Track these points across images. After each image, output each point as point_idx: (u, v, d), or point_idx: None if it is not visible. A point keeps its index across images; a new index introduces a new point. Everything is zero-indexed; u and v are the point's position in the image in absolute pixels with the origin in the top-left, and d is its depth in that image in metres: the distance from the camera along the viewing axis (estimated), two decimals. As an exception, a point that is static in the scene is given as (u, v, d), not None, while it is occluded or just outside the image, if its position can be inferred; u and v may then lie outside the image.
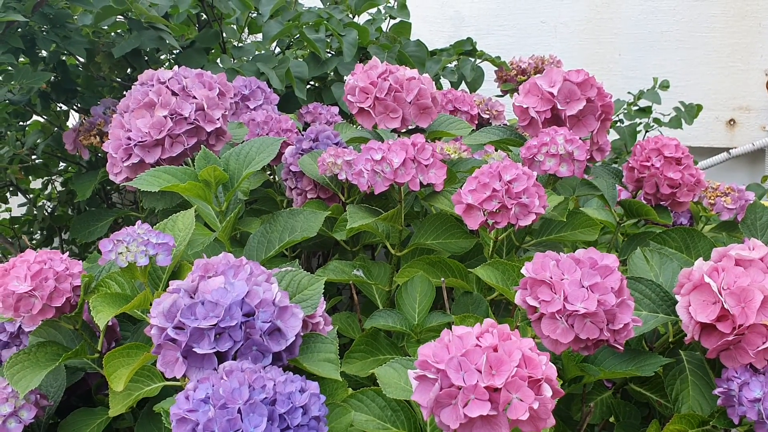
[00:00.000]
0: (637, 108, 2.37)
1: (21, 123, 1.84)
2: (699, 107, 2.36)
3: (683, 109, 2.34)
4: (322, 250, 1.42)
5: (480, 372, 0.65)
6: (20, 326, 1.00)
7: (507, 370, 0.65)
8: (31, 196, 1.99)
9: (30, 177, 1.96)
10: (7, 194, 2.00)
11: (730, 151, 2.99)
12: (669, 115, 2.33)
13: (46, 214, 1.91)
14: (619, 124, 2.32)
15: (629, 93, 2.34)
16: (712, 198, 1.38)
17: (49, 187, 2.04)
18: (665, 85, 2.34)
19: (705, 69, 3.02)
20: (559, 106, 1.12)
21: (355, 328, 1.09)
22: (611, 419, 1.10)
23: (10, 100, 1.63)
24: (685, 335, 0.88)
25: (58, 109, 1.79)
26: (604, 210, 1.39)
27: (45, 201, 2.02)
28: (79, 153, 1.48)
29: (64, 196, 1.95)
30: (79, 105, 1.72)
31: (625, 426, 1.05)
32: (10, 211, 2.09)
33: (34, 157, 1.79)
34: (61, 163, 1.94)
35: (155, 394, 0.88)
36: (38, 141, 1.72)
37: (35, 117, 1.82)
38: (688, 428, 0.89)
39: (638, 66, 3.06)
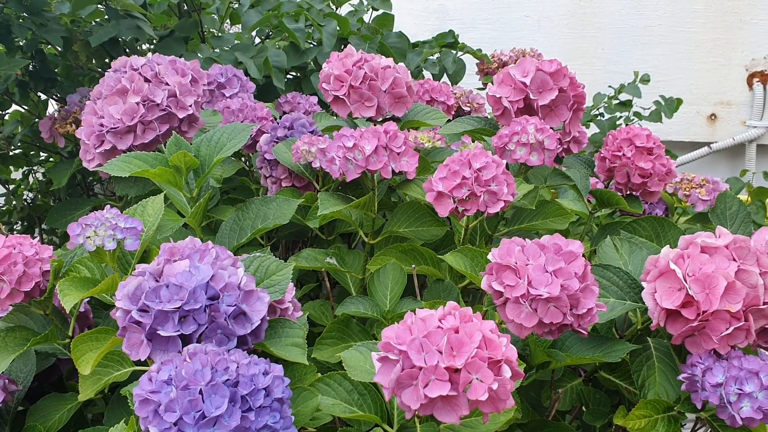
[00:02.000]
0: (617, 102, 2.38)
1: (0, 112, 1.83)
2: (679, 101, 2.37)
3: (663, 103, 2.36)
4: (300, 240, 1.43)
5: (441, 353, 0.66)
6: (-10, 313, 0.99)
7: (467, 351, 0.66)
8: (12, 186, 1.98)
9: (11, 168, 1.95)
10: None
11: (711, 145, 3.01)
12: (649, 109, 2.34)
13: (26, 203, 1.90)
14: (599, 117, 2.33)
15: (610, 87, 2.35)
16: (687, 190, 1.39)
17: (31, 177, 2.03)
18: (646, 79, 2.35)
19: (687, 64, 3.04)
20: (531, 96, 1.12)
21: (328, 316, 1.09)
22: (582, 407, 1.11)
23: (-12, 89, 1.62)
24: (652, 322, 0.89)
25: (39, 98, 1.78)
26: (579, 201, 1.40)
27: (26, 192, 2.01)
28: (56, 141, 1.47)
29: (44, 186, 1.94)
30: (58, 95, 1.72)
31: (594, 413, 1.06)
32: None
33: (12, 147, 1.79)
34: (43, 154, 1.93)
35: (125, 379, 0.88)
36: (18, 129, 1.72)
37: (16, 107, 1.81)
38: (653, 414, 0.90)
39: (621, 60, 3.08)
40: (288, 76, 1.81)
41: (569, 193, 1.48)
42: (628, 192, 1.20)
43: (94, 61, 1.56)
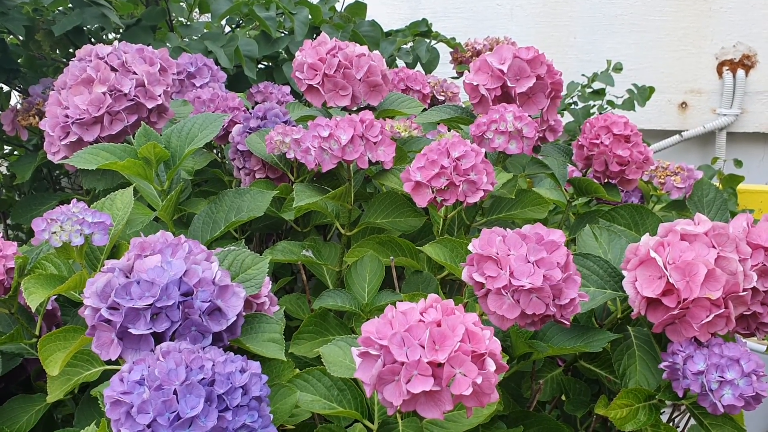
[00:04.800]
0: (591, 90, 2.38)
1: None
2: (651, 89, 2.38)
3: (636, 92, 2.37)
4: (274, 233, 1.40)
5: (423, 347, 0.64)
6: (-46, 312, 0.96)
7: (450, 345, 0.64)
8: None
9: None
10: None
11: (682, 133, 3.04)
12: (622, 97, 2.35)
13: (-10, 198, 1.84)
14: (573, 106, 2.33)
15: (583, 75, 2.35)
16: (662, 177, 1.39)
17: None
18: (618, 68, 2.35)
19: (658, 53, 3.05)
20: (509, 84, 1.11)
21: (305, 310, 1.07)
22: (562, 397, 1.10)
23: (-54, 80, 1.57)
24: (633, 311, 0.88)
25: (1, 90, 1.72)
26: (556, 190, 1.39)
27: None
28: (18, 134, 1.42)
29: (8, 180, 1.89)
30: (20, 86, 1.66)
31: (574, 402, 1.05)
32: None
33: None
34: (7, 147, 1.87)
35: (95, 379, 0.85)
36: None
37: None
38: (634, 402, 0.90)
39: (593, 49, 3.09)
40: (260, 66, 1.77)
41: (546, 182, 1.47)
42: (606, 180, 1.19)
43: (57, 51, 1.51)
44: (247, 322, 0.79)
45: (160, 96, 1.04)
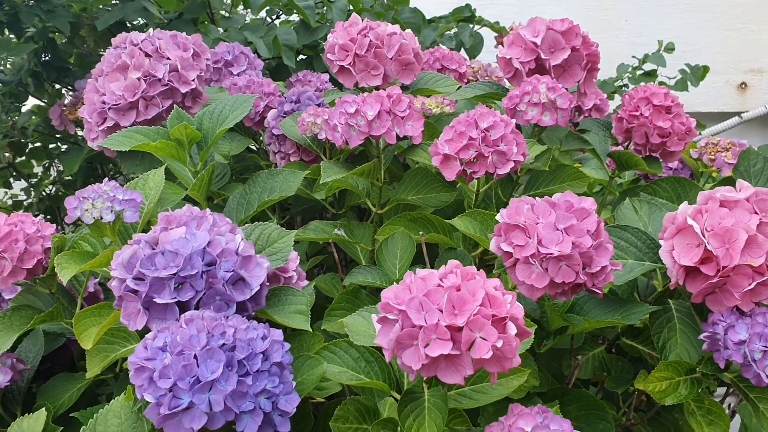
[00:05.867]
0: (642, 72, 2.32)
1: (17, 104, 1.84)
2: (705, 69, 2.30)
3: (689, 71, 2.29)
4: (314, 218, 1.41)
5: (441, 311, 0.63)
6: (0, 294, 0.99)
7: (469, 309, 0.63)
8: (34, 180, 1.99)
9: (33, 161, 1.97)
10: (11, 179, 2.01)
11: (742, 115, 2.92)
12: (675, 78, 2.28)
13: (44, 194, 1.91)
14: (624, 88, 2.27)
15: (633, 57, 2.29)
16: (712, 154, 1.34)
17: (52, 170, 2.04)
18: (670, 48, 2.28)
19: (714, 32, 2.95)
20: (543, 56, 1.08)
21: (337, 288, 1.07)
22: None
23: (1, 80, 1.63)
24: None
25: (53, 89, 1.78)
26: (601, 169, 1.36)
27: (48, 186, 2.02)
28: (67, 128, 1.47)
29: (63, 177, 1.95)
30: (71, 85, 1.72)
31: (616, 379, 1.02)
32: (16, 197, 2.10)
33: (28, 139, 1.79)
34: (63, 146, 1.94)
35: (131, 355, 0.87)
36: (33, 120, 1.72)
37: (34, 102, 1.82)
38: (675, 376, 0.86)
39: (645, 32, 3.00)
40: (300, 57, 1.78)
41: (591, 162, 1.43)
42: (648, 153, 1.16)
43: (101, 47, 1.56)
44: (273, 294, 0.80)
45: (193, 81, 1.06)
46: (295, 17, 1.86)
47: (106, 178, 0.84)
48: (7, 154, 1.66)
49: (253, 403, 0.63)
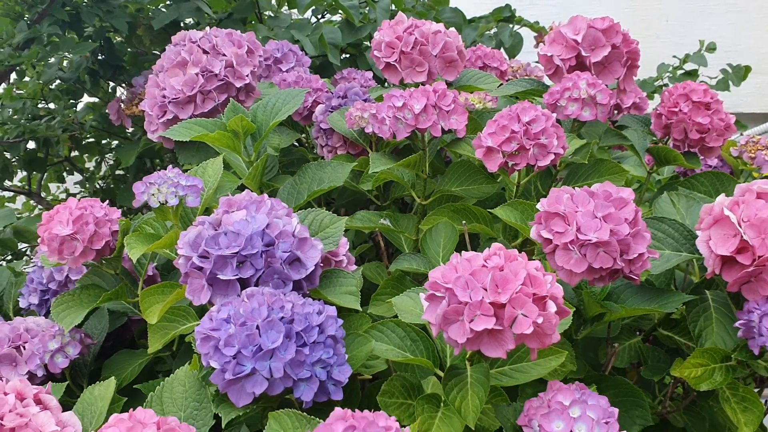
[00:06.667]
0: (682, 72, 2.32)
1: (72, 101, 1.93)
2: (747, 68, 2.29)
3: (731, 71, 2.29)
4: (356, 210, 1.45)
5: (485, 290, 0.67)
6: (67, 275, 1.06)
7: (512, 287, 0.67)
8: (87, 174, 2.08)
9: (85, 156, 2.06)
10: (64, 173, 2.11)
11: (784, 115, 2.90)
12: (716, 78, 2.28)
13: (98, 187, 1.99)
14: (664, 88, 2.28)
15: (674, 57, 2.29)
16: (753, 152, 1.36)
17: (103, 165, 2.13)
18: (712, 48, 2.28)
19: (758, 32, 2.93)
20: (583, 53, 1.12)
21: (383, 276, 1.12)
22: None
23: (61, 78, 1.71)
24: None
25: (108, 86, 1.87)
26: (640, 166, 1.38)
27: (100, 181, 2.11)
28: (123, 123, 1.54)
29: (115, 172, 2.04)
30: (126, 82, 1.80)
31: (652, 368, 1.05)
32: (68, 192, 2.20)
33: (84, 133, 1.88)
34: (115, 142, 2.02)
35: (190, 332, 0.93)
36: (89, 115, 1.81)
37: (89, 98, 1.90)
38: (710, 363, 0.89)
39: (686, 32, 2.99)
40: (344, 56, 1.84)
41: (630, 160, 1.46)
42: (686, 149, 1.18)
43: (157, 46, 1.63)
44: (326, 276, 0.85)
45: (247, 76, 1.11)
46: (338, 17, 1.92)
47: (170, 165, 0.90)
48: (67, 147, 1.74)
49: (309, 372, 0.68)
